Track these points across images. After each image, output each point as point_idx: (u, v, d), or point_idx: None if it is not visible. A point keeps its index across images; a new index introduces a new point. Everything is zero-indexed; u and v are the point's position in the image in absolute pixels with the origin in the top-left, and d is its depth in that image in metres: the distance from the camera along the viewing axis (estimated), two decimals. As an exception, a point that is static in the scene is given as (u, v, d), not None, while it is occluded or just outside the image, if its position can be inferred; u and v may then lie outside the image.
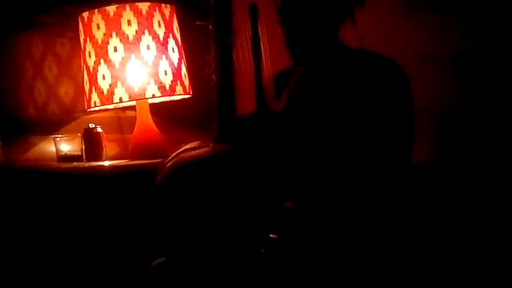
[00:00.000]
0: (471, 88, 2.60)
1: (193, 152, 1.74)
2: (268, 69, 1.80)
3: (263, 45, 1.79)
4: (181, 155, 1.75)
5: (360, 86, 1.87)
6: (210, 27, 1.71)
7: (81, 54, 2.60)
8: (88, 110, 2.62)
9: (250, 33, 1.77)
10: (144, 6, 2.56)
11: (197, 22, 1.74)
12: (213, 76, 1.72)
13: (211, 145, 1.74)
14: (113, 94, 2.53)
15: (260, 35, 1.78)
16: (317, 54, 1.95)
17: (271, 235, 1.78)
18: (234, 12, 1.71)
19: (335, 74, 1.93)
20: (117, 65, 2.53)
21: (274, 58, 1.83)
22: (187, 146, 1.78)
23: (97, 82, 2.54)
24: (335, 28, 1.96)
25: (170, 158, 1.78)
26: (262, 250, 1.73)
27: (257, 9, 1.78)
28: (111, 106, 2.67)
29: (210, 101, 1.76)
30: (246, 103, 1.83)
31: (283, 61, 1.96)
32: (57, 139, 2.56)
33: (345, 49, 1.97)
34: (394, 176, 1.87)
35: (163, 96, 2.59)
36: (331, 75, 1.93)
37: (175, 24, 2.66)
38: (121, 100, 2.53)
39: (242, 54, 1.76)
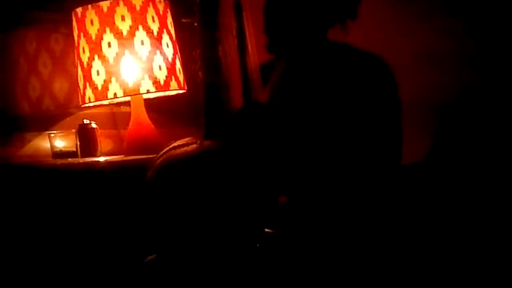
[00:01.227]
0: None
1: (182, 149, 1.75)
2: (255, 63, 1.79)
3: (249, 40, 1.79)
4: (171, 152, 1.76)
5: (342, 82, 1.87)
6: (195, 24, 1.71)
7: (75, 49, 2.60)
8: (83, 106, 2.61)
9: (236, 29, 1.77)
10: (138, 1, 2.55)
11: (182, 20, 1.74)
12: (200, 73, 1.72)
13: (199, 141, 1.74)
14: (108, 90, 2.52)
15: (246, 30, 1.78)
16: (296, 48, 1.94)
17: (266, 230, 1.78)
18: (219, 9, 1.71)
19: (317, 70, 1.93)
20: (111, 60, 2.52)
21: (260, 53, 1.83)
22: (177, 143, 1.79)
23: (91, 78, 2.53)
24: (322, 28, 1.95)
25: (160, 155, 1.79)
26: (257, 245, 1.73)
27: (241, 4, 1.78)
28: (106, 102, 2.66)
29: (200, 97, 1.76)
30: (235, 99, 1.82)
31: (269, 56, 1.97)
32: (52, 135, 2.56)
33: (329, 44, 1.96)
34: (384, 169, 1.87)
35: (157, 91, 2.58)
36: (313, 71, 1.93)
37: (169, 19, 2.64)
38: (115, 96, 2.53)
39: (229, 50, 1.75)
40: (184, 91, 2.67)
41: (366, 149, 1.85)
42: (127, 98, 2.63)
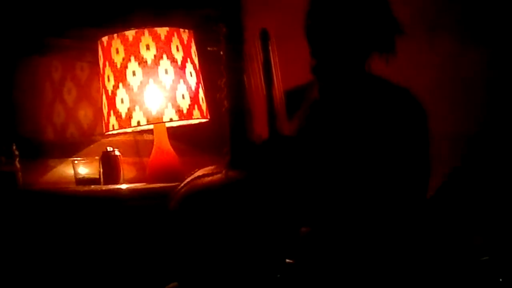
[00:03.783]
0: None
1: (206, 179, 1.74)
2: (280, 93, 1.80)
3: (275, 70, 1.79)
4: (195, 181, 1.76)
5: (374, 115, 1.87)
6: (221, 52, 1.72)
7: (100, 78, 2.62)
8: (106, 133, 2.64)
9: (262, 58, 1.77)
10: (162, 31, 2.58)
11: (208, 48, 1.75)
12: (225, 102, 1.72)
13: (224, 171, 1.74)
14: (131, 118, 2.54)
15: (272, 60, 1.78)
16: (338, 73, 1.95)
17: (287, 260, 1.77)
18: (245, 37, 1.72)
19: (350, 102, 1.92)
20: (135, 89, 2.55)
21: (286, 81, 1.83)
22: (200, 172, 1.78)
23: (115, 106, 2.56)
24: (363, 57, 1.96)
25: (183, 184, 1.79)
26: (278, 275, 1.72)
27: (268, 34, 1.78)
28: (129, 130, 2.68)
29: (225, 126, 1.75)
30: (259, 128, 1.82)
31: (295, 84, 1.97)
32: (76, 162, 2.58)
33: (364, 76, 1.96)
34: (409, 204, 1.86)
35: (180, 120, 2.60)
36: (346, 103, 1.93)
37: (193, 49, 2.67)
38: (139, 124, 2.55)
39: (254, 79, 1.76)
40: (207, 120, 2.68)
41: (393, 183, 1.84)
42: (150, 126, 2.65)
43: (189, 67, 2.62)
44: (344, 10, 1.91)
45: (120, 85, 2.55)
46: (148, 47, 2.56)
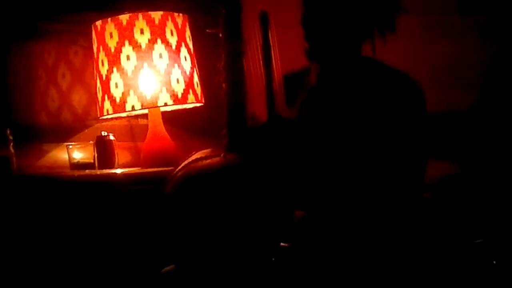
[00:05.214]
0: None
1: (204, 162, 1.74)
2: (278, 76, 1.80)
3: (274, 53, 1.79)
4: (192, 164, 1.75)
5: (372, 99, 1.87)
6: (220, 35, 1.71)
7: (94, 62, 2.61)
8: (101, 118, 2.63)
9: (261, 41, 1.77)
10: (157, 15, 2.57)
11: (207, 30, 1.74)
12: (223, 85, 1.72)
13: (222, 154, 1.74)
14: (126, 102, 2.53)
15: (271, 43, 1.78)
16: (333, 58, 1.94)
17: (281, 244, 1.77)
18: (244, 20, 1.72)
19: (348, 86, 1.92)
20: (129, 73, 2.54)
21: (285, 66, 1.83)
22: (198, 155, 1.77)
23: (109, 90, 2.55)
24: (360, 39, 1.95)
25: (180, 167, 1.78)
26: (273, 259, 1.72)
27: (268, 17, 1.78)
28: (124, 114, 2.67)
29: (222, 109, 1.75)
30: (257, 111, 1.82)
31: (293, 69, 1.97)
32: (70, 146, 2.58)
33: (361, 60, 1.96)
34: (407, 187, 1.86)
35: (175, 104, 2.60)
36: (343, 88, 1.93)
37: (188, 33, 2.66)
38: (133, 108, 2.54)
39: (253, 62, 1.75)
40: (202, 104, 2.68)
41: (390, 166, 1.84)
42: (145, 111, 2.64)
43: (183, 51, 2.62)
44: None
45: (114, 69, 2.55)
46: (142, 31, 2.55)
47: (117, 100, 2.54)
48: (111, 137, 2.60)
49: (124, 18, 2.55)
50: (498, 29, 2.81)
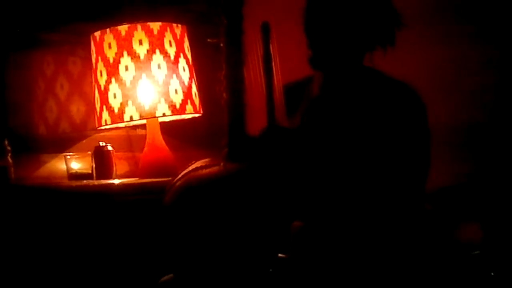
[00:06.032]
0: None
1: (204, 171, 1.73)
2: (279, 87, 1.80)
3: (275, 64, 1.79)
4: (191, 174, 1.75)
5: (374, 110, 1.88)
6: (221, 44, 1.72)
7: (93, 73, 2.62)
8: (99, 128, 2.63)
9: (262, 52, 1.77)
10: (155, 26, 2.58)
11: (208, 40, 1.75)
12: (224, 94, 1.72)
13: (221, 164, 1.74)
14: (124, 113, 2.53)
15: (272, 54, 1.79)
16: (336, 67, 1.95)
17: (279, 255, 1.77)
18: (245, 31, 1.72)
19: (350, 97, 1.93)
20: (128, 84, 2.54)
21: (285, 76, 1.83)
22: (197, 165, 1.77)
23: (108, 101, 2.55)
24: (362, 50, 1.97)
25: (179, 176, 1.78)
26: (271, 270, 1.72)
27: (269, 27, 1.79)
28: (122, 125, 2.67)
29: (220, 119, 1.76)
30: (257, 121, 1.83)
31: (294, 79, 1.97)
32: (68, 157, 2.58)
33: (363, 70, 1.97)
34: (407, 198, 1.87)
35: (173, 115, 2.60)
36: (346, 98, 1.94)
37: (186, 44, 2.67)
38: (131, 119, 2.54)
39: (253, 72, 1.76)
40: (200, 115, 2.69)
41: (390, 177, 1.84)
42: (143, 121, 2.65)
43: (182, 62, 2.62)
44: (342, 3, 1.92)
45: (113, 80, 2.55)
46: (141, 42, 2.56)
47: (116, 110, 2.54)
48: (109, 148, 2.60)
49: (123, 28, 2.56)
50: (497, 37, 2.82)
